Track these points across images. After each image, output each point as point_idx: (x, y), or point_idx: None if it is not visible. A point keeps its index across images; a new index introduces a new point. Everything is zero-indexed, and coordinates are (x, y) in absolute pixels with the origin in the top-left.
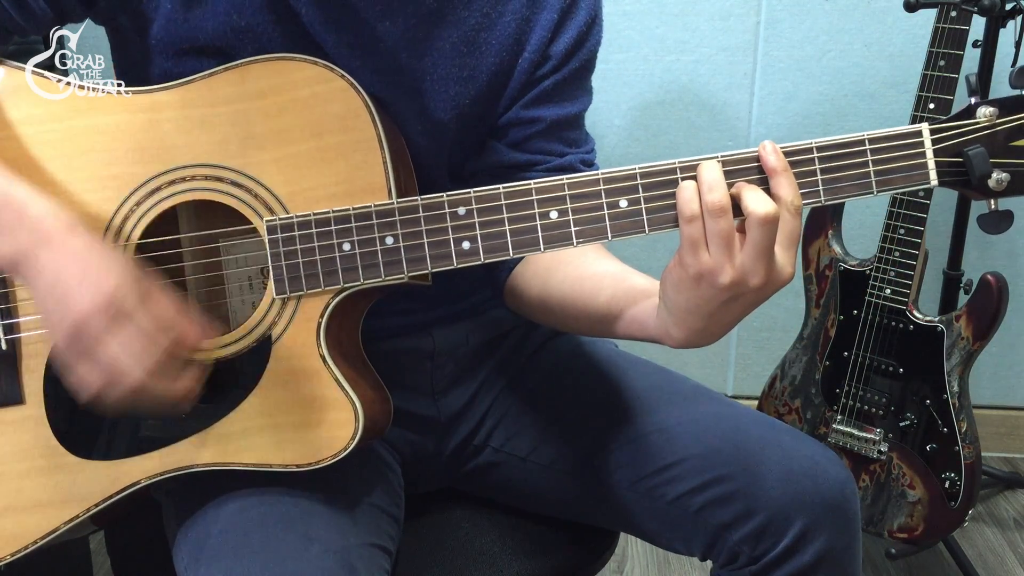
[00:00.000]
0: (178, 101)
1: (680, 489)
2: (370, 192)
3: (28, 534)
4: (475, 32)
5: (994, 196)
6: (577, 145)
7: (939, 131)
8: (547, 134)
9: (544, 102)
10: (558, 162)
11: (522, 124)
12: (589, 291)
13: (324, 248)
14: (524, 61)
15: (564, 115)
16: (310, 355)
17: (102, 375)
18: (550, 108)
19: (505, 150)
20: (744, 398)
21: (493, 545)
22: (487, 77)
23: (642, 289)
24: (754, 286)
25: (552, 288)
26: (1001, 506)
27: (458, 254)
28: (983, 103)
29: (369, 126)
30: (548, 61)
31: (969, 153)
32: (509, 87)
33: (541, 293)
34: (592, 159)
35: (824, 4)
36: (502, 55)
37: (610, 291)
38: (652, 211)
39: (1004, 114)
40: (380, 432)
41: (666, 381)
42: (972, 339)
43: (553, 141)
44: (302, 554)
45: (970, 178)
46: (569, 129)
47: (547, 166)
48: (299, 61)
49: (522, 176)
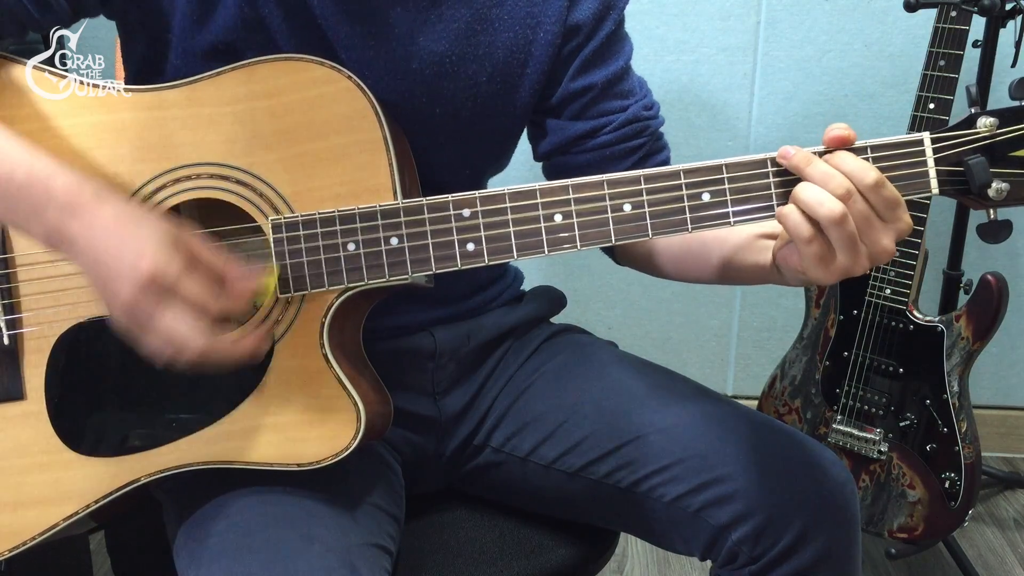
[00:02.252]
0: (184, 99)
1: (679, 489)
2: (375, 193)
3: (27, 530)
4: (487, 9)
5: (994, 205)
6: (633, 95)
7: (940, 140)
8: (602, 96)
9: (589, 69)
10: (622, 118)
11: (576, 95)
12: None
13: (328, 248)
14: (546, 34)
15: (613, 72)
16: (313, 355)
17: (167, 346)
18: (597, 72)
19: (568, 124)
20: (744, 398)
21: (493, 545)
22: (503, 54)
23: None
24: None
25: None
26: (1001, 506)
27: (462, 255)
28: (983, 113)
29: (375, 127)
30: (579, 32)
31: (969, 162)
32: (532, 62)
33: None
34: (651, 101)
35: (824, 4)
36: (515, 29)
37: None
38: (656, 215)
39: (1004, 124)
40: (381, 432)
41: (666, 381)
42: (972, 339)
43: (610, 99)
44: (303, 554)
45: (970, 187)
46: (621, 83)
47: (613, 125)
48: (306, 61)
49: (592, 143)
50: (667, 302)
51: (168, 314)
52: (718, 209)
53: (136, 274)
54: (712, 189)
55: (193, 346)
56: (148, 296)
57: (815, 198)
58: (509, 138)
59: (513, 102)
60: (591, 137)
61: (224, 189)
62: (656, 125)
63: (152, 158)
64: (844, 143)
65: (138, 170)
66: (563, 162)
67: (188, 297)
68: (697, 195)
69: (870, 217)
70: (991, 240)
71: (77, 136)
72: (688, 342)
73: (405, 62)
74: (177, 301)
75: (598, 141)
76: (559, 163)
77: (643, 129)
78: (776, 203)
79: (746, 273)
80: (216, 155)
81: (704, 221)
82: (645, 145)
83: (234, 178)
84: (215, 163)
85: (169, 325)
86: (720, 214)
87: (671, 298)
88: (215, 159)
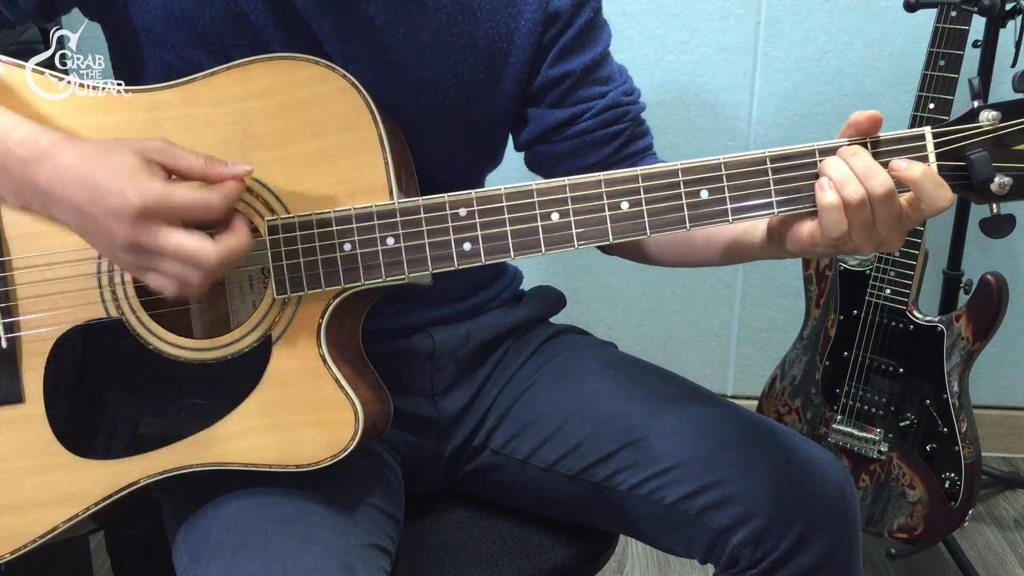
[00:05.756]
0: (179, 100)
1: (679, 492)
2: (371, 192)
3: (27, 533)
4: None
5: (996, 200)
6: (612, 81)
7: (942, 134)
8: (581, 83)
9: (567, 56)
10: (602, 103)
11: (555, 83)
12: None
13: (325, 248)
14: (527, 22)
15: (592, 59)
16: (311, 355)
17: (183, 268)
18: (576, 59)
19: (548, 112)
20: (744, 398)
21: (492, 546)
22: (484, 43)
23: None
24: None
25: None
26: (1001, 506)
27: (459, 255)
28: (986, 107)
29: (371, 126)
30: (558, 19)
31: (972, 157)
32: (514, 51)
33: None
34: (631, 87)
35: (824, 4)
36: (496, 18)
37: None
38: (653, 213)
39: (1007, 118)
40: (380, 432)
41: (665, 383)
42: (972, 339)
43: (589, 86)
44: (302, 554)
45: (972, 182)
46: (600, 69)
47: (593, 111)
48: (301, 61)
49: (572, 130)
50: (667, 302)
51: (172, 235)
52: (717, 207)
53: (124, 211)
54: (711, 187)
55: (210, 254)
56: (145, 227)
57: (846, 175)
58: (497, 128)
59: (498, 91)
60: (571, 124)
61: None
62: (637, 110)
63: None
64: (874, 123)
65: None
66: (545, 150)
67: (185, 206)
68: (695, 193)
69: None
70: (994, 235)
71: None
72: (688, 342)
73: (385, 53)
74: (176, 217)
75: (578, 128)
76: (541, 152)
77: (623, 115)
78: (775, 200)
79: (737, 252)
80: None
81: (703, 219)
82: (627, 130)
83: None
84: None
85: (178, 245)
86: (719, 211)
87: (671, 298)
88: None
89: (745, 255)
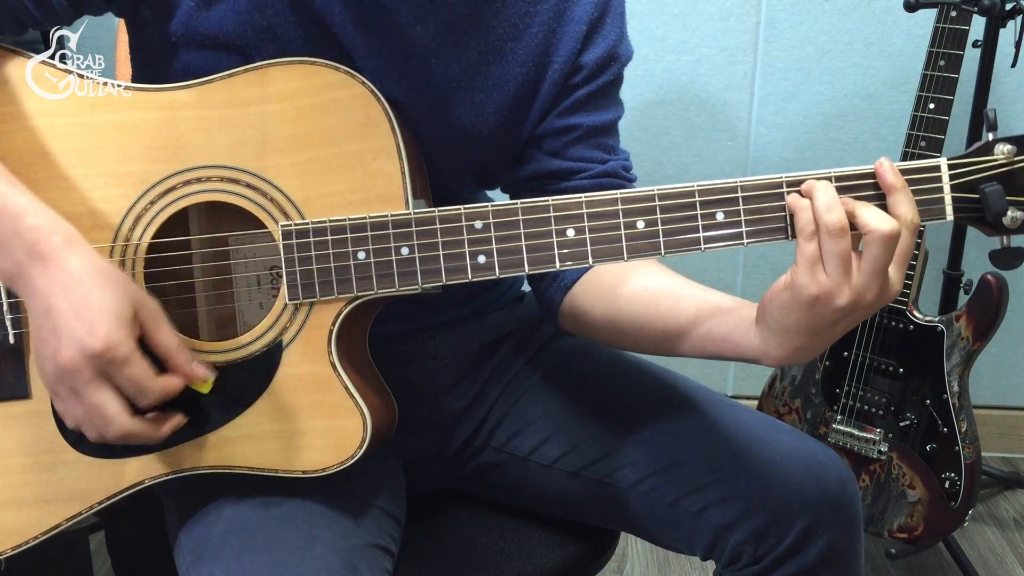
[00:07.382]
0: (196, 101)
1: (681, 490)
2: (386, 201)
3: (29, 529)
4: (503, 41)
5: (1008, 233)
6: (615, 152)
7: (957, 167)
8: (585, 141)
9: (579, 110)
10: (600, 169)
11: (559, 132)
12: (667, 310)
13: (339, 256)
14: (554, 72)
15: (601, 122)
16: (320, 362)
17: (86, 416)
18: (586, 116)
19: (545, 158)
20: (744, 398)
21: (494, 545)
22: (513, 88)
23: (726, 306)
24: (867, 303)
25: (623, 308)
26: (1001, 506)
27: (473, 268)
28: (1001, 140)
29: (388, 135)
30: (580, 71)
31: (986, 190)
32: (539, 98)
33: (608, 314)
34: (630, 165)
35: (824, 4)
36: (528, 65)
37: (693, 309)
38: (669, 233)
39: (1022, 152)
40: (385, 438)
41: (666, 382)
42: (972, 339)
43: (592, 148)
44: (304, 554)
45: (985, 215)
46: (606, 136)
47: (590, 173)
48: (320, 65)
49: (566, 185)
50: None
51: (101, 392)
52: (731, 229)
53: (84, 345)
54: (726, 209)
55: (115, 428)
56: (89, 369)
57: (826, 202)
58: (500, 166)
59: (518, 133)
60: (566, 179)
61: (234, 193)
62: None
63: (162, 159)
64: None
65: (149, 170)
66: (526, 188)
67: (127, 381)
68: (711, 215)
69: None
70: (1004, 267)
71: (81, 135)
72: None
73: (416, 79)
74: (114, 382)
75: (574, 184)
76: (523, 195)
77: (619, 186)
78: (789, 226)
79: (704, 341)
80: (227, 158)
81: (717, 241)
82: None
83: (244, 182)
84: (226, 166)
85: (98, 402)
86: (733, 234)
87: None
88: (226, 162)
89: (724, 346)
